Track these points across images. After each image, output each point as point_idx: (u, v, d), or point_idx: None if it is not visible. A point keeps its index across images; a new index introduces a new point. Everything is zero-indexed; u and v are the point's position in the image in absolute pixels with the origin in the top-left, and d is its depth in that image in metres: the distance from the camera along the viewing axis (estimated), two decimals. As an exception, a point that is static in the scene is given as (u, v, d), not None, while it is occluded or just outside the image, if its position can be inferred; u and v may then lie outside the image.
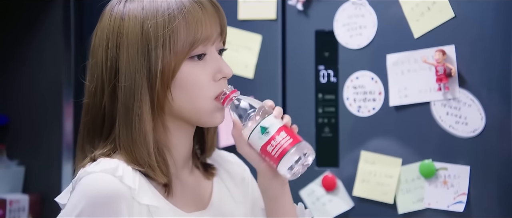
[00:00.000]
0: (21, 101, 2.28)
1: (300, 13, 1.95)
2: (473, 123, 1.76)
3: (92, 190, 1.21)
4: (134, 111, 1.26)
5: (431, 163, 1.81)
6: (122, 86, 1.26)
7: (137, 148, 1.26)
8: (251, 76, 1.99)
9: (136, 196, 1.24)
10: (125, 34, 1.27)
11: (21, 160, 2.28)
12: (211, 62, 1.30)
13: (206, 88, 1.29)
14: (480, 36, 1.76)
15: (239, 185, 1.47)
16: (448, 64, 1.76)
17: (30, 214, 2.20)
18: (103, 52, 1.29)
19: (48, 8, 2.20)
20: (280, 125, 1.28)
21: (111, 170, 1.23)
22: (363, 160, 1.89)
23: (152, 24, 1.26)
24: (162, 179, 1.28)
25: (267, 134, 1.27)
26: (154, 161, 1.27)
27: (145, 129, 1.26)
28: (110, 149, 1.29)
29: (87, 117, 1.32)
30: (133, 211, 1.23)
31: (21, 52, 2.26)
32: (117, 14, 1.29)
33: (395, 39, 1.84)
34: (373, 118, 1.89)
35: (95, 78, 1.30)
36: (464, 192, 1.77)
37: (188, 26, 1.26)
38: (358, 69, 1.90)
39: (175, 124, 1.31)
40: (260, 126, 1.27)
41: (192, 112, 1.29)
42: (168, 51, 1.25)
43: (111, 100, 1.28)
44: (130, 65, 1.26)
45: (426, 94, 1.81)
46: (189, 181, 1.38)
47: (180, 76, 1.27)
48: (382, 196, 1.86)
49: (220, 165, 1.46)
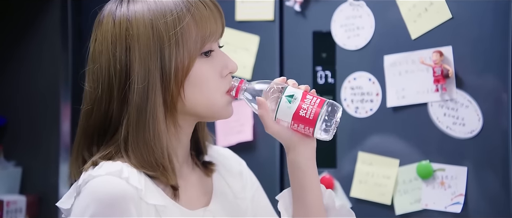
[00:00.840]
0: (19, 102, 2.27)
1: (298, 14, 1.95)
2: (470, 124, 1.77)
3: (100, 192, 1.21)
4: (148, 112, 1.26)
5: (428, 164, 1.81)
6: (135, 88, 1.26)
7: (150, 149, 1.26)
8: (248, 77, 1.99)
9: (143, 196, 1.24)
10: (135, 36, 1.27)
11: (18, 160, 2.27)
12: (217, 58, 1.32)
13: (216, 83, 1.31)
14: (478, 37, 1.76)
15: (238, 180, 1.48)
16: (445, 65, 1.76)
17: (27, 215, 2.19)
18: (109, 56, 1.28)
19: (46, 8, 2.20)
20: (302, 91, 1.30)
21: (117, 172, 1.23)
22: (361, 161, 1.89)
23: (162, 24, 1.26)
24: (173, 181, 1.29)
25: (295, 100, 1.29)
26: (167, 162, 1.28)
27: (159, 129, 1.27)
28: (111, 152, 1.28)
29: (87, 123, 1.31)
30: (141, 212, 1.24)
31: (19, 53, 2.26)
32: (122, 17, 1.28)
33: (393, 40, 1.85)
34: (370, 118, 1.89)
35: (101, 84, 1.29)
36: (461, 193, 1.77)
37: (197, 23, 1.28)
38: (356, 70, 1.90)
39: (187, 121, 1.33)
40: (286, 96, 1.29)
41: (205, 107, 1.31)
42: (181, 49, 1.27)
43: (121, 104, 1.28)
44: (144, 66, 1.26)
45: (424, 95, 1.81)
46: (191, 179, 1.39)
47: (192, 74, 1.28)
48: (379, 197, 1.87)
49: (217, 161, 1.47)
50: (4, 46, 2.28)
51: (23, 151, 2.27)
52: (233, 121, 1.98)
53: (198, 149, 1.44)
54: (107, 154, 1.28)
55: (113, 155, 1.28)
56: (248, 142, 1.99)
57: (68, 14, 2.19)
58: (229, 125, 1.99)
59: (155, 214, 1.26)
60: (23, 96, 2.27)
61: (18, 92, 2.27)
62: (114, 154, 1.28)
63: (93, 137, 1.31)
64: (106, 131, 1.30)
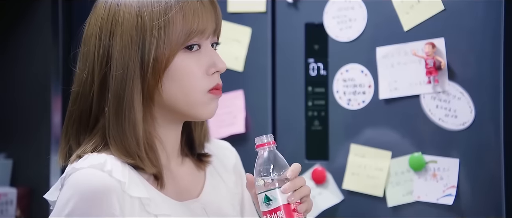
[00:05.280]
0: (9, 94, 2.26)
1: (290, 5, 1.94)
2: (462, 116, 1.77)
3: (82, 186, 1.21)
4: (125, 100, 1.25)
5: (420, 156, 1.81)
6: (113, 75, 1.26)
7: (126, 138, 1.26)
8: (240, 69, 1.98)
9: (126, 189, 1.23)
10: (119, 22, 1.26)
11: (9, 153, 2.27)
12: (205, 55, 1.29)
13: (198, 80, 1.28)
14: (470, 29, 1.76)
15: (231, 174, 1.47)
16: (437, 57, 1.76)
17: (18, 208, 2.19)
18: (96, 40, 1.28)
19: (36, 3, 2.19)
20: (282, 203, 1.26)
21: (99, 165, 1.22)
22: (353, 153, 1.89)
23: (148, 13, 1.25)
24: (151, 170, 1.28)
25: (268, 205, 1.26)
26: (143, 152, 1.26)
27: (135, 119, 1.26)
28: (96, 142, 1.28)
29: (74, 106, 1.31)
30: (125, 205, 1.23)
31: (9, 45, 2.25)
32: (113, 2, 1.28)
33: (385, 32, 1.84)
34: (363, 110, 1.88)
35: (87, 67, 1.29)
36: (453, 185, 1.78)
37: (185, 16, 1.26)
38: (348, 62, 1.89)
39: (164, 114, 1.31)
40: (265, 194, 1.27)
41: (183, 103, 1.29)
42: (162, 40, 1.25)
43: (101, 89, 1.28)
44: (123, 53, 1.26)
45: (416, 87, 1.81)
46: (180, 172, 1.37)
47: (173, 67, 1.27)
48: (372, 189, 1.87)
49: (214, 154, 1.46)
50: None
51: (14, 143, 2.26)
52: (225, 113, 1.98)
53: (192, 146, 1.42)
54: (92, 143, 1.28)
55: (99, 145, 1.28)
56: (240, 134, 1.98)
57: (59, 6, 2.18)
58: (221, 117, 1.98)
59: (140, 207, 1.25)
60: (14, 88, 2.26)
61: (9, 86, 2.27)
62: (99, 144, 1.28)
63: (81, 120, 1.30)
64: (91, 116, 1.30)
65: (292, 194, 1.26)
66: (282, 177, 1.27)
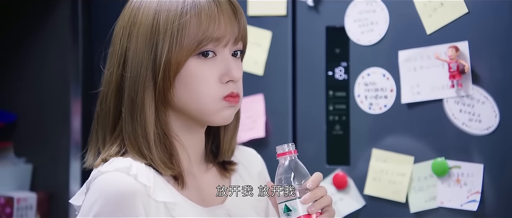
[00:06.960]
0: (28, 99, 2.27)
1: (311, 9, 1.93)
2: (486, 121, 1.74)
3: (107, 189, 1.21)
4: (137, 102, 1.26)
5: (444, 161, 1.79)
6: (128, 76, 1.27)
7: (138, 140, 1.26)
8: (261, 73, 1.97)
9: (151, 193, 1.23)
10: (137, 24, 1.27)
11: (28, 157, 2.27)
12: (221, 63, 1.29)
13: (210, 87, 1.28)
14: (494, 32, 1.74)
15: (256, 180, 1.45)
16: (461, 60, 1.74)
17: (38, 212, 2.19)
18: (118, 41, 1.30)
19: (55, 4, 2.19)
20: (302, 214, 1.25)
21: (125, 169, 1.23)
22: (375, 158, 1.87)
23: (164, 17, 1.25)
24: (166, 172, 1.28)
25: (288, 215, 1.25)
26: (154, 155, 1.26)
27: (146, 122, 1.26)
28: (119, 145, 1.28)
29: (101, 106, 1.32)
30: (150, 209, 1.23)
31: (28, 49, 2.25)
32: (136, 4, 1.30)
33: (407, 35, 1.82)
34: (384, 115, 1.87)
35: (110, 67, 1.31)
36: (477, 190, 1.75)
37: (200, 23, 1.25)
38: (370, 66, 1.88)
39: (181, 118, 1.31)
40: (285, 205, 1.26)
41: (194, 108, 1.28)
42: (174, 45, 1.25)
43: (118, 90, 1.29)
44: (137, 55, 1.26)
45: (439, 91, 1.78)
46: (205, 178, 1.37)
47: (184, 72, 1.26)
48: (394, 194, 1.85)
49: (240, 161, 1.45)
50: (13, 42, 2.28)
51: (33, 148, 2.27)
52: (245, 118, 1.97)
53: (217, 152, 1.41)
54: (116, 146, 1.28)
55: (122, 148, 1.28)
56: (260, 138, 1.97)
57: (78, 9, 2.18)
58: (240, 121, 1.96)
59: (165, 212, 1.25)
60: (33, 93, 2.26)
61: (28, 89, 2.27)
62: (123, 146, 1.28)
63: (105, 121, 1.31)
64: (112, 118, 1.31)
65: (312, 205, 1.25)
66: (303, 187, 1.25)
